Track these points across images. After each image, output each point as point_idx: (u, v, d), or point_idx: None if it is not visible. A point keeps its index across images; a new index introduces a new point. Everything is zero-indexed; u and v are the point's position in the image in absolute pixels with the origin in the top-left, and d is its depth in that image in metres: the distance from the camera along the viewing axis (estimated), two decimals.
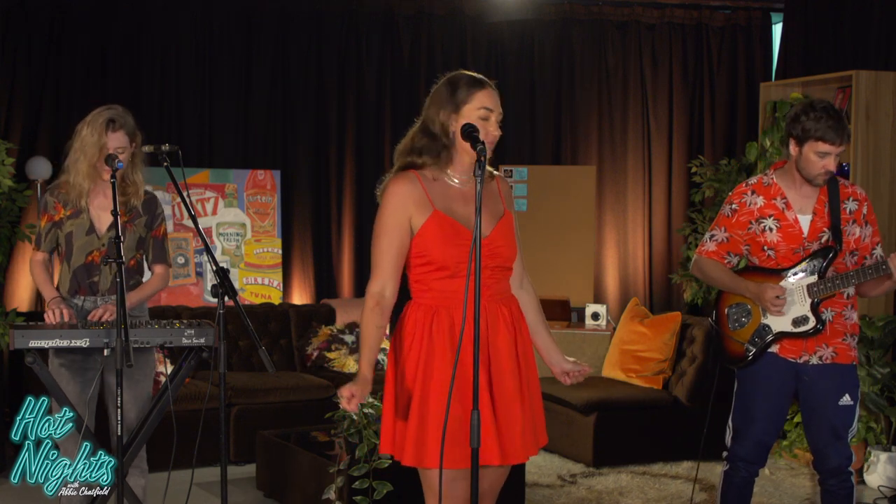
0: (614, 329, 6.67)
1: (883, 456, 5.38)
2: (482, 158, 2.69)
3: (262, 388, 5.99)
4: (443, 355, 2.92)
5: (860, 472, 5.48)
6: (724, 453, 3.93)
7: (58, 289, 3.94)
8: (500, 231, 3.03)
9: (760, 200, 3.81)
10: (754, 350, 3.81)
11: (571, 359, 3.25)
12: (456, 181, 3.02)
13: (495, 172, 3.14)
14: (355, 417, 4.40)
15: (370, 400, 4.47)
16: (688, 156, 7.72)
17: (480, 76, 3.03)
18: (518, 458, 3.03)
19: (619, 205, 7.82)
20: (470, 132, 2.83)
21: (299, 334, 6.69)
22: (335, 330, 6.61)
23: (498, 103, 3.00)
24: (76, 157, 3.87)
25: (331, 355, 6.47)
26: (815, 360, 3.76)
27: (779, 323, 3.77)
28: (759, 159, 6.50)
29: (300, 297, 7.28)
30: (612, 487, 5.43)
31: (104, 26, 6.85)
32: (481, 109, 2.96)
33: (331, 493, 4.37)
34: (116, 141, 3.81)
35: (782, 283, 3.76)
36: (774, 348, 3.80)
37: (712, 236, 3.92)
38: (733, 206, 3.87)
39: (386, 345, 6.70)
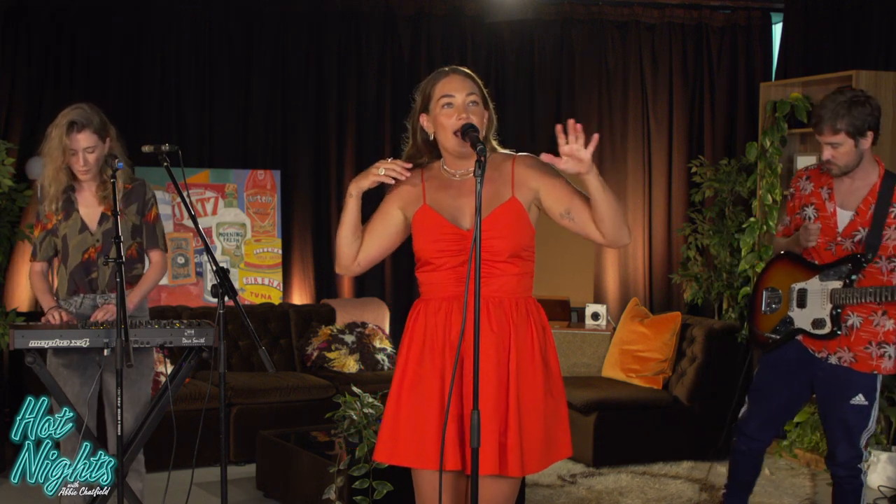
0: (614, 329, 6.66)
1: (883, 456, 5.39)
2: (482, 158, 2.63)
3: (262, 388, 5.98)
4: (419, 352, 2.87)
5: None
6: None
7: (56, 294, 3.93)
8: (495, 220, 2.84)
9: (810, 187, 3.92)
10: (776, 338, 3.96)
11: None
12: (455, 174, 2.94)
13: (515, 154, 2.95)
14: (355, 417, 4.40)
15: (370, 400, 4.48)
16: (688, 156, 7.72)
17: (446, 67, 2.95)
18: (481, 468, 2.72)
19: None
20: (467, 132, 2.78)
21: (299, 334, 6.69)
22: (335, 330, 6.60)
23: (463, 86, 2.87)
24: (45, 161, 3.86)
25: (331, 355, 6.46)
26: (833, 360, 3.85)
27: (800, 319, 3.90)
28: (759, 159, 6.50)
29: (300, 297, 7.28)
30: (612, 487, 5.43)
31: (104, 26, 6.85)
32: (442, 99, 2.87)
33: (331, 493, 4.37)
34: (84, 141, 3.78)
35: (811, 280, 3.86)
36: (799, 336, 3.93)
37: (782, 221, 4.15)
38: (791, 191, 4.02)
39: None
